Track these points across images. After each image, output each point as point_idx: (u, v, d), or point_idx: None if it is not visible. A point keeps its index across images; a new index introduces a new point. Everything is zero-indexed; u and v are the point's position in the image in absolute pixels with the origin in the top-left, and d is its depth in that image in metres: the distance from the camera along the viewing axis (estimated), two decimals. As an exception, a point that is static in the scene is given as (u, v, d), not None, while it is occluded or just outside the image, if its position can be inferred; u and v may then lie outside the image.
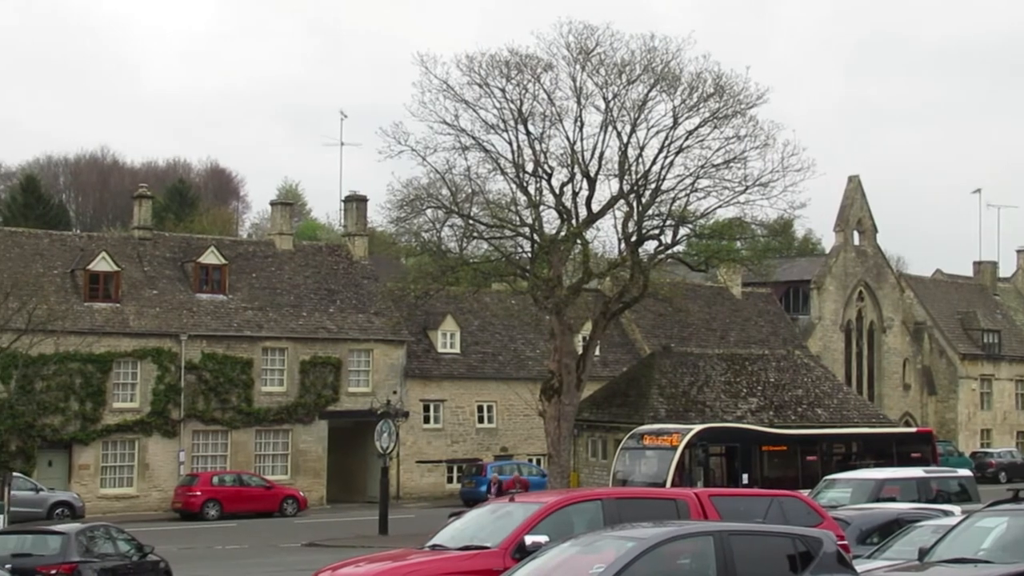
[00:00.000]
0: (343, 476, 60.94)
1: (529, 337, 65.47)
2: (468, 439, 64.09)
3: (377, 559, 16.59)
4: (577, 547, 13.75)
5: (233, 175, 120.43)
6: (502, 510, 17.08)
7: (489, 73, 46.30)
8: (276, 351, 58.52)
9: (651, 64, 46.41)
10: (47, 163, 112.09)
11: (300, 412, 58.71)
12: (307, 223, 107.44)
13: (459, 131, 47.03)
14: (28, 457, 52.68)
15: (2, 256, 54.39)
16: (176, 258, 59.28)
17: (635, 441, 43.15)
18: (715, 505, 17.65)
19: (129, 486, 55.23)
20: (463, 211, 47.45)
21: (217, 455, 57.03)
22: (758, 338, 71.23)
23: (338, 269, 63.20)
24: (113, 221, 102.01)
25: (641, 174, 47.25)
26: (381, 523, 43.01)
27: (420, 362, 62.88)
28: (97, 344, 53.83)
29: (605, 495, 17.70)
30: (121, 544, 25.87)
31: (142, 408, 55.17)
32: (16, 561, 23.05)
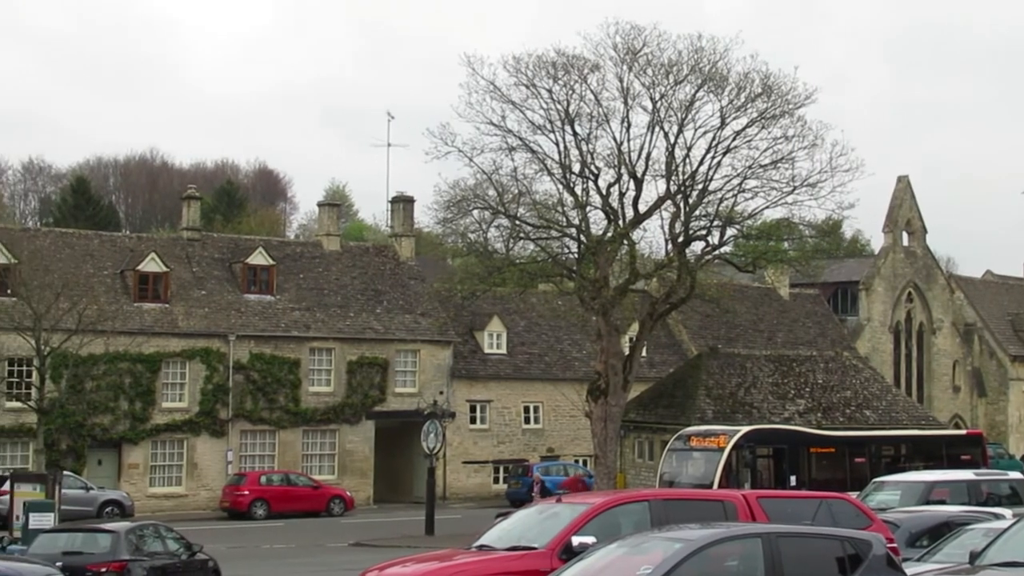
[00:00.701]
0: (390, 476, 61.10)
1: (575, 338, 65.42)
2: (514, 440, 64.11)
3: (424, 559, 16.61)
4: (624, 548, 13.71)
5: (281, 176, 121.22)
6: (549, 511, 17.06)
7: (536, 74, 46.27)
8: (323, 351, 58.76)
9: (698, 64, 46.21)
10: (97, 164, 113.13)
11: (347, 412, 58.93)
12: (354, 224, 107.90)
13: (506, 132, 47.03)
14: (78, 456, 53.16)
15: (53, 257, 54.86)
16: (224, 259, 59.64)
17: (682, 442, 43.00)
18: (763, 507, 17.55)
19: (178, 485, 55.60)
20: (510, 212, 47.42)
21: (265, 455, 57.34)
22: (806, 339, 70.86)
23: (385, 270, 63.38)
24: (162, 222, 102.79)
25: (688, 174, 47.06)
26: (427, 523, 43.06)
27: (466, 363, 62.95)
28: (146, 344, 54.23)
29: (652, 496, 17.65)
30: (170, 543, 26.06)
31: (191, 408, 55.54)
32: (67, 559, 23.27)
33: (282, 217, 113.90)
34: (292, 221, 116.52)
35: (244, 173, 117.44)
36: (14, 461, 51.42)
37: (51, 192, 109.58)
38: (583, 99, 46.50)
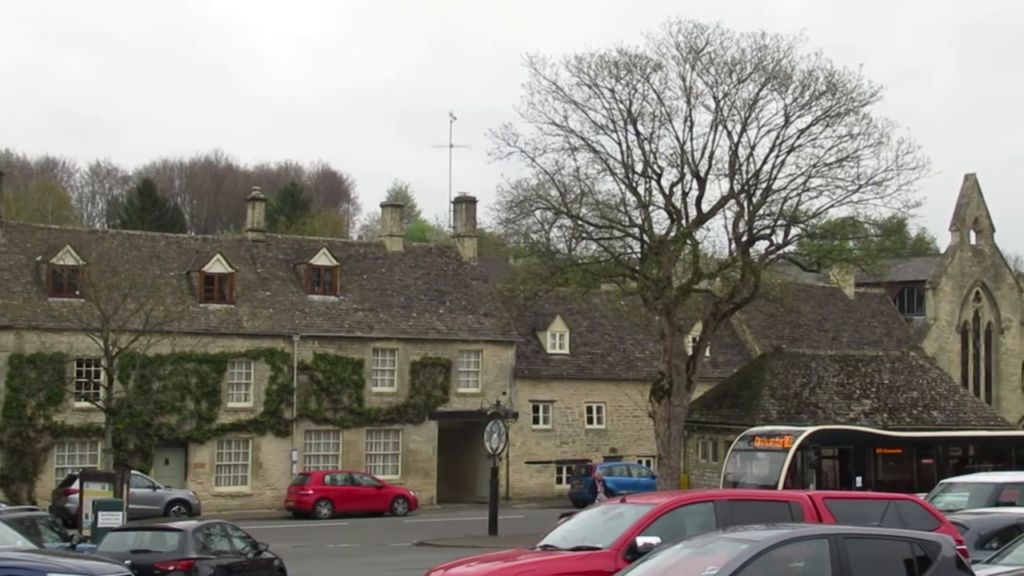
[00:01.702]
0: (453, 476, 61.22)
1: (638, 338, 65.26)
2: (577, 440, 64.03)
3: (488, 559, 16.61)
4: (690, 549, 13.64)
5: (344, 177, 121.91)
6: (614, 511, 17.01)
7: (598, 74, 46.23)
8: (387, 352, 59.00)
9: (762, 62, 45.98)
10: (163, 167, 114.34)
11: (410, 412, 59.13)
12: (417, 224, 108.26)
13: (568, 132, 47.02)
14: (146, 455, 53.72)
15: (120, 258, 55.48)
16: (288, 260, 60.05)
17: (746, 443, 42.75)
18: (829, 508, 17.38)
19: (243, 484, 56.04)
20: (572, 212, 47.39)
21: (329, 454, 57.66)
22: (871, 339, 70.22)
23: (448, 270, 63.53)
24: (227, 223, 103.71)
25: (752, 173, 46.81)
26: (491, 523, 43.11)
27: (529, 363, 62.97)
28: (212, 345, 54.70)
29: (717, 497, 17.55)
30: (236, 541, 26.26)
31: (256, 408, 55.96)
32: (135, 557, 23.49)
33: (345, 218, 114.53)
34: (355, 222, 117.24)
35: (307, 174, 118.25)
36: (83, 460, 52.04)
37: (118, 194, 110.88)
38: (646, 98, 46.45)
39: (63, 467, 51.83)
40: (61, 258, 53.49)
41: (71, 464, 51.70)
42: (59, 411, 52.27)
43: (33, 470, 51.83)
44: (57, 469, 51.95)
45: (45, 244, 55.03)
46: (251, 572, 25.84)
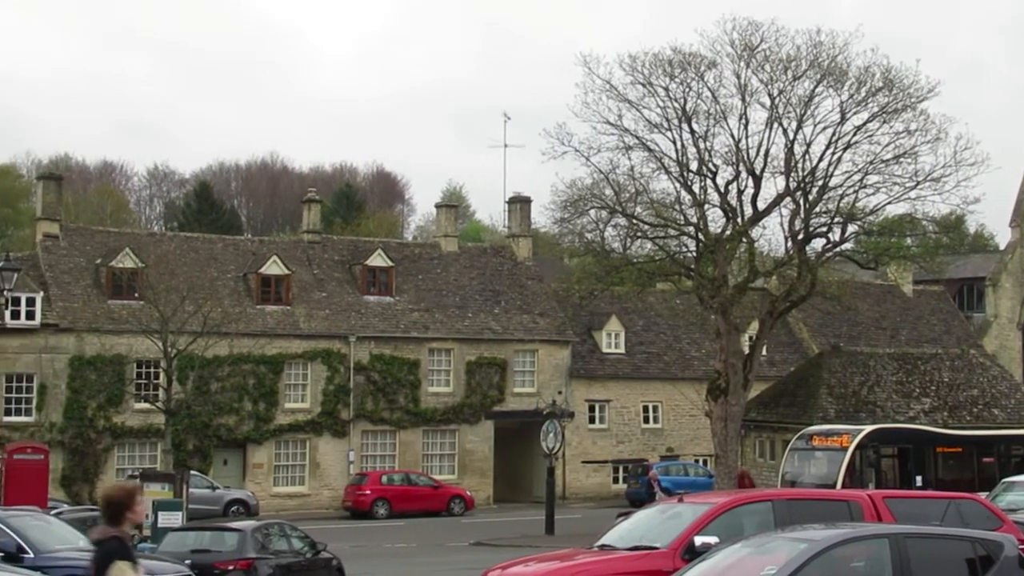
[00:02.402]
0: (509, 476, 61.26)
1: (694, 337, 65.02)
2: (633, 439, 63.89)
3: (546, 558, 16.61)
4: (748, 548, 13.57)
5: (398, 178, 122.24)
6: (671, 510, 16.96)
7: (652, 72, 46.08)
8: (442, 352, 59.14)
9: (817, 59, 45.65)
10: (219, 169, 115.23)
11: (466, 412, 59.23)
12: (471, 225, 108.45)
13: (622, 131, 46.89)
14: (204, 456, 54.15)
15: (178, 261, 55.96)
16: (344, 261, 60.32)
17: (804, 442, 42.44)
18: (889, 507, 17.23)
19: (301, 485, 56.35)
20: (627, 211, 47.28)
21: (385, 455, 57.87)
22: (930, 337, 69.55)
23: (503, 270, 63.58)
24: (282, 225, 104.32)
25: (808, 171, 46.49)
26: (547, 523, 43.12)
27: (585, 362, 62.90)
28: (269, 346, 55.07)
29: (776, 496, 17.45)
30: (295, 541, 26.42)
31: (313, 408, 56.25)
32: (195, 557, 23.69)
33: (400, 219, 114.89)
34: (409, 223, 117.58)
35: (362, 176, 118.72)
36: (143, 461, 52.53)
37: (175, 197, 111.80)
38: (700, 97, 46.23)
39: (123, 468, 52.34)
40: (120, 261, 54.03)
41: (131, 465, 52.19)
42: (119, 412, 52.80)
43: (94, 471, 52.38)
44: (117, 470, 52.46)
45: (104, 247, 55.62)
46: (309, 572, 25.98)
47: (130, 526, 10.71)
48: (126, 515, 10.59)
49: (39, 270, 53.64)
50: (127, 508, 10.58)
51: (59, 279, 53.71)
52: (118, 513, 10.57)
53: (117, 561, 10.39)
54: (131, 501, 10.63)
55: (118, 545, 10.48)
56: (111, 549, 10.46)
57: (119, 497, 10.61)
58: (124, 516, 10.58)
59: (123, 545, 10.52)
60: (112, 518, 10.59)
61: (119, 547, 10.48)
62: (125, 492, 10.71)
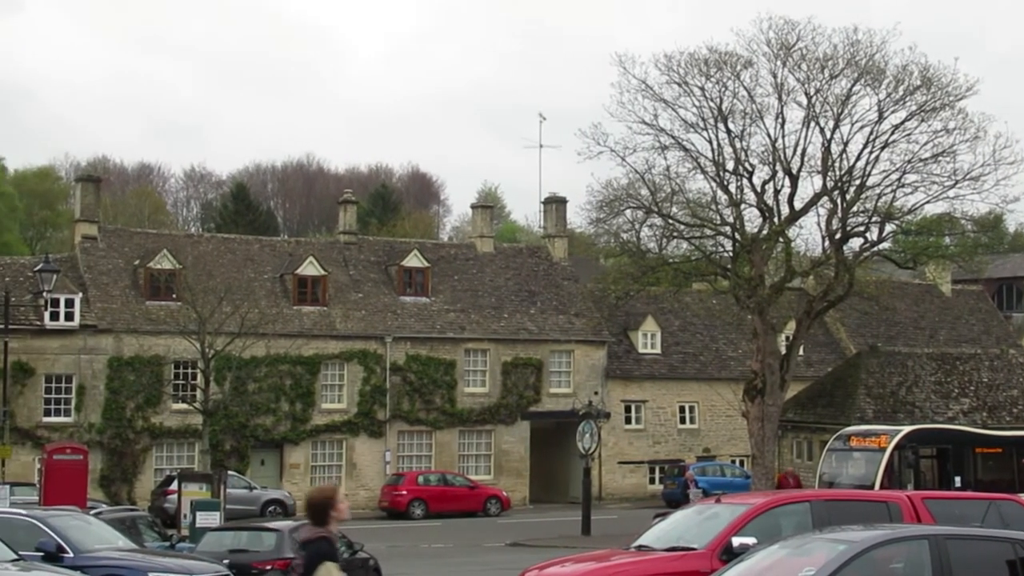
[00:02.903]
0: (545, 476, 61.22)
1: (731, 337, 64.81)
2: (670, 440, 63.73)
3: (583, 559, 16.58)
4: (787, 549, 13.48)
5: (433, 179, 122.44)
6: (709, 511, 16.88)
7: (688, 72, 45.97)
8: (478, 352, 59.17)
9: (854, 57, 45.42)
10: (256, 171, 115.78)
11: (502, 413, 59.24)
12: (507, 225, 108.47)
13: (658, 131, 46.79)
14: (242, 456, 54.37)
15: (215, 262, 56.22)
16: (380, 262, 60.44)
17: (842, 442, 42.19)
18: (929, 508, 17.09)
19: (337, 485, 56.36)
20: (663, 211, 47.16)
21: (422, 455, 57.95)
22: (969, 337, 69.07)
23: (538, 271, 63.55)
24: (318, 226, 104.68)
25: (845, 170, 46.26)
26: (584, 523, 43.04)
27: (621, 363, 62.79)
28: (306, 347, 55.23)
29: (814, 497, 17.35)
30: (332, 541, 26.42)
31: (349, 409, 56.40)
32: (233, 557, 23.75)
33: (435, 219, 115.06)
34: (445, 223, 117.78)
35: (398, 177, 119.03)
36: (181, 461, 52.80)
37: (212, 198, 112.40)
38: (736, 96, 46.11)
39: (161, 468, 52.63)
40: (158, 262, 54.32)
41: (169, 465, 52.48)
42: (157, 413, 53.09)
43: (132, 471, 52.69)
44: (156, 470, 52.76)
45: (142, 248, 55.93)
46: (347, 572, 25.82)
47: (336, 525, 10.78)
48: (331, 515, 10.72)
49: (78, 271, 54.01)
50: (331, 508, 10.72)
51: (98, 280, 54.05)
52: (323, 514, 10.72)
53: (326, 562, 10.51)
54: (333, 501, 10.78)
55: (327, 546, 10.63)
56: (320, 550, 10.60)
57: (321, 499, 10.77)
58: (329, 516, 10.72)
59: (332, 546, 10.67)
60: (318, 520, 10.71)
61: (328, 548, 10.62)
62: (326, 494, 10.88)
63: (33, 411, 51.22)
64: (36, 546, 20.13)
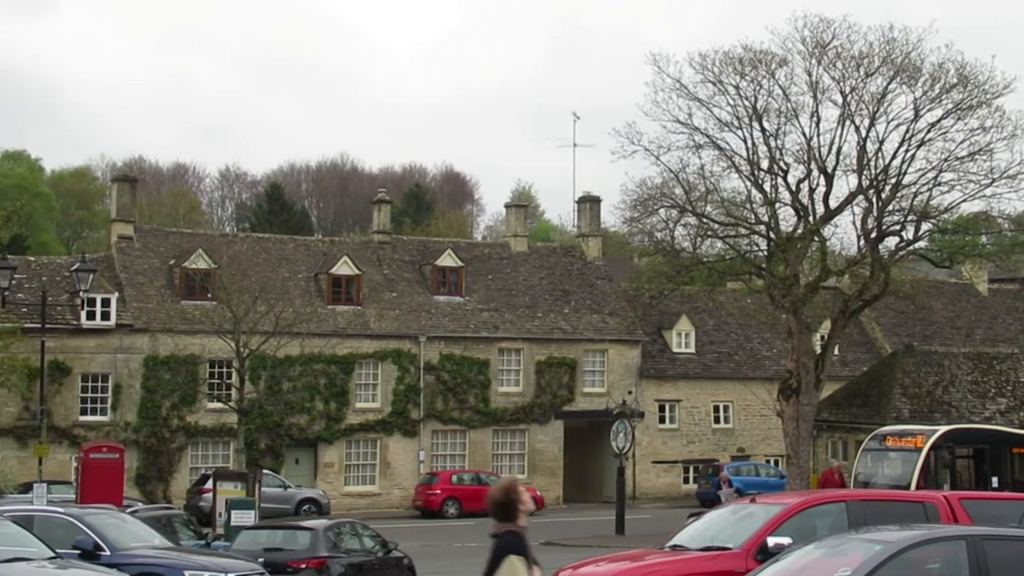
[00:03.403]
0: (579, 476, 61.19)
1: (765, 336, 64.62)
2: (704, 439, 63.59)
3: (617, 559, 16.57)
4: (822, 549, 13.42)
5: (467, 178, 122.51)
6: (744, 511, 16.83)
7: (723, 70, 45.78)
8: (512, 352, 59.18)
9: (890, 56, 45.13)
10: (290, 171, 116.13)
11: (536, 412, 59.24)
12: (541, 224, 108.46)
13: (692, 129, 46.61)
14: (276, 455, 54.56)
15: (250, 261, 56.45)
16: (414, 261, 60.54)
17: (877, 442, 41.95)
18: (966, 508, 16.98)
19: (371, 484, 56.63)
20: (697, 210, 47.01)
21: (455, 454, 58.02)
22: (1006, 336, 68.57)
23: (572, 270, 63.52)
24: (352, 226, 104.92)
25: (881, 169, 46.00)
26: (618, 523, 43.00)
27: (655, 362, 62.69)
28: (340, 346, 55.36)
29: (850, 497, 17.29)
30: (366, 540, 26.51)
31: (383, 408, 56.51)
32: (268, 555, 23.83)
33: (469, 219, 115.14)
34: (479, 223, 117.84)
35: (432, 176, 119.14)
36: (216, 460, 53.04)
37: (246, 198, 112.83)
38: (771, 95, 45.87)
39: (196, 467, 52.90)
40: (193, 262, 54.58)
41: (204, 464, 52.75)
42: (192, 411, 53.35)
43: (168, 469, 52.98)
44: (191, 468, 53.02)
45: (178, 248, 56.22)
46: (381, 571, 26.06)
47: (524, 519, 10.70)
48: (518, 509, 10.66)
49: (114, 271, 54.34)
50: (516, 502, 10.66)
51: (133, 280, 54.36)
52: (510, 510, 10.66)
53: (510, 556, 10.45)
54: (516, 496, 10.71)
55: (515, 540, 10.56)
56: (507, 543, 10.55)
57: (503, 497, 10.72)
58: (516, 510, 10.66)
59: (520, 540, 10.58)
60: (504, 516, 10.66)
61: (516, 542, 10.55)
62: (507, 490, 10.80)
63: (70, 410, 51.58)
64: (73, 544, 20.27)
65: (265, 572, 21.66)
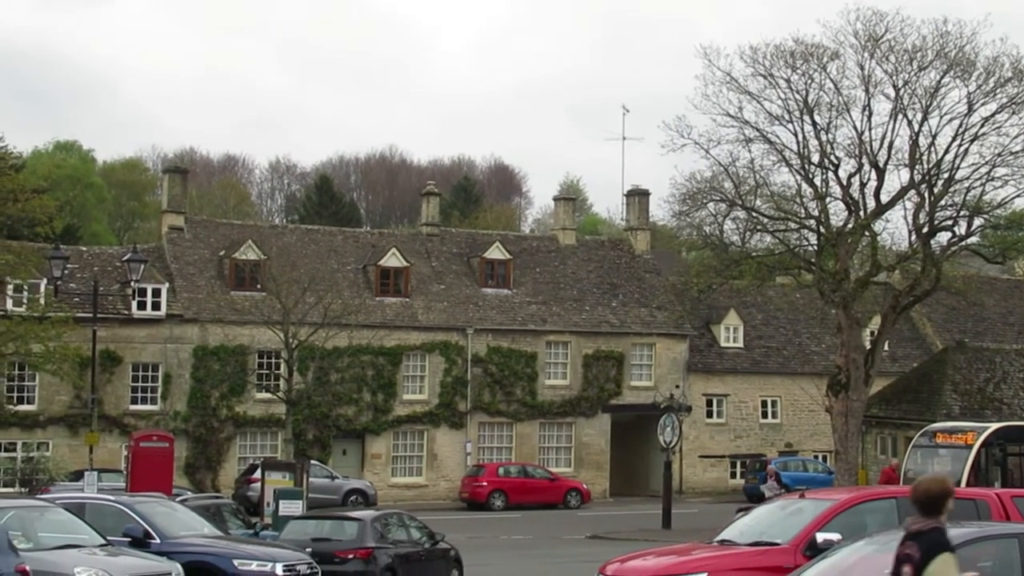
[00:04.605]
0: (625, 469, 61.11)
1: (814, 331, 64.27)
2: (751, 434, 63.35)
3: (665, 552, 16.54)
4: (872, 546, 13.30)
5: (516, 171, 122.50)
6: (793, 506, 16.74)
7: (774, 64, 45.59)
8: (559, 345, 59.16)
9: (944, 49, 44.76)
10: (339, 163, 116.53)
11: (583, 405, 59.19)
12: (589, 218, 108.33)
13: (743, 123, 46.45)
14: (324, 446, 54.81)
15: (300, 253, 56.69)
16: (462, 253, 60.61)
17: (927, 439, 41.62)
18: (1018, 506, 16.84)
19: (418, 475, 56.78)
20: (746, 204, 46.84)
21: (502, 447, 58.07)
22: (1059, 333, 67.83)
23: (620, 263, 63.39)
24: (400, 218, 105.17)
25: (933, 163, 45.65)
26: (664, 517, 42.95)
27: (703, 356, 62.49)
28: (388, 338, 55.50)
29: (900, 493, 17.12)
30: (413, 531, 26.58)
31: (430, 400, 56.63)
32: (315, 545, 23.96)
33: (517, 212, 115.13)
34: (527, 216, 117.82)
35: (480, 169, 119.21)
36: (264, 450, 53.34)
37: (296, 190, 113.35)
38: (823, 88, 45.65)
39: (245, 456, 53.23)
40: (243, 253, 54.89)
41: (252, 453, 53.07)
42: (241, 402, 53.67)
43: (217, 459, 53.33)
44: (239, 458, 53.36)
45: (228, 239, 56.56)
46: (428, 562, 26.13)
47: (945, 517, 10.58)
48: (945, 506, 10.52)
49: (164, 262, 54.74)
50: (946, 499, 10.51)
51: (184, 270, 54.74)
52: (938, 505, 10.49)
53: (944, 553, 10.31)
54: (950, 494, 10.55)
55: (943, 537, 10.40)
56: (937, 541, 10.37)
57: (941, 490, 10.53)
58: (944, 507, 10.51)
59: (947, 537, 10.43)
60: (930, 510, 10.50)
61: (945, 539, 10.39)
62: (943, 482, 10.64)
63: (120, 399, 52.02)
64: (123, 532, 20.44)
65: (313, 562, 21.76)
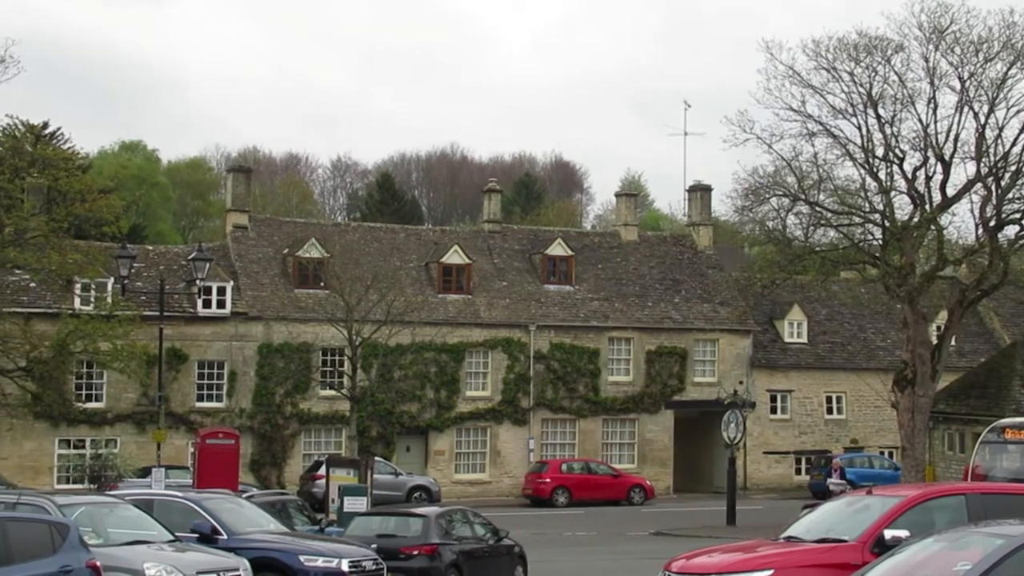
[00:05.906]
0: (689, 466, 60.91)
1: (879, 326, 63.73)
2: (816, 430, 62.92)
3: (730, 549, 16.44)
4: (942, 543, 13.17)
5: (576, 167, 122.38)
6: (860, 503, 16.58)
7: (837, 57, 45.23)
8: (622, 341, 59.05)
9: (1010, 40, 44.21)
10: (400, 160, 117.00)
11: (646, 401, 59.06)
12: (650, 213, 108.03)
13: (806, 117, 46.14)
14: (388, 442, 55.06)
15: (362, 250, 56.95)
16: (524, 250, 60.64)
17: (996, 435, 41.06)
18: (1090, 503, 16.57)
19: (481, 472, 56.90)
20: (810, 198, 46.52)
21: (565, 443, 58.06)
22: None
23: (683, 259, 63.17)
24: (462, 215, 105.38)
25: (1000, 156, 45.10)
26: (729, 514, 42.77)
27: (766, 352, 62.16)
28: (450, 334, 55.67)
29: (970, 490, 16.92)
30: (478, 528, 26.65)
31: (493, 396, 56.73)
32: (380, 541, 24.05)
33: (578, 208, 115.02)
34: (588, 212, 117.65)
35: (541, 165, 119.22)
36: (328, 447, 53.66)
37: (358, 188, 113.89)
38: (887, 81, 45.24)
39: (309, 453, 53.57)
40: (307, 251, 55.23)
41: (317, 450, 53.40)
42: (306, 399, 54.02)
43: (282, 455, 53.71)
44: (304, 455, 53.71)
45: (291, 237, 56.94)
46: (492, 558, 26.18)
47: None
48: None
49: (229, 260, 55.19)
50: None
51: (248, 269, 55.17)
52: None
53: None
54: None
55: None
56: None
57: None
58: None
59: None
60: None
61: None
62: None
63: (186, 396, 52.53)
64: (191, 528, 20.68)
65: (378, 558, 21.87)
